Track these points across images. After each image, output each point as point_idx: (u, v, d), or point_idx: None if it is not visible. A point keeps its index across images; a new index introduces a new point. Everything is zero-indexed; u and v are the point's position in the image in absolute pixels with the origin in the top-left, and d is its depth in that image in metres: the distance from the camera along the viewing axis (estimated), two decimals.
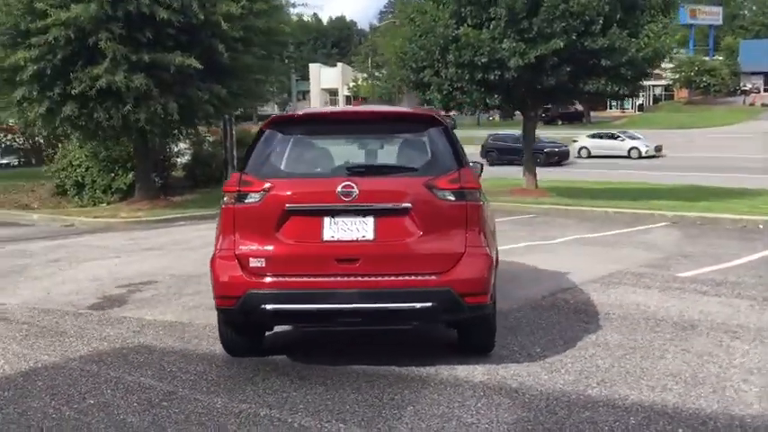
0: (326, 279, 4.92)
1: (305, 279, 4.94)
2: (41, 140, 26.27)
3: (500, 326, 6.33)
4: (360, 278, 4.91)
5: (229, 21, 15.90)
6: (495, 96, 17.52)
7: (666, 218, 14.30)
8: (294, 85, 70.03)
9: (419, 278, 4.93)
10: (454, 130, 5.63)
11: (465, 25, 16.35)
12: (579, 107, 62.44)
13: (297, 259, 4.97)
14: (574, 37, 15.99)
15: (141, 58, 15.10)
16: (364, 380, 5.15)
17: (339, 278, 4.92)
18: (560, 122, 62.63)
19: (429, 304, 4.90)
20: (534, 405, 4.68)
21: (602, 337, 6.22)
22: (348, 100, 76.60)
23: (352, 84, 75.55)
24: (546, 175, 22.96)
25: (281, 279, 4.95)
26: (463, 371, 5.32)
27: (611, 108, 72.08)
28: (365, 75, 72.71)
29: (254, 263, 4.97)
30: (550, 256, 10.28)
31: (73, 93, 15.02)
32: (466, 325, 5.47)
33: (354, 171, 5.11)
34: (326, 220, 4.97)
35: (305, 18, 57.59)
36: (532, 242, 11.68)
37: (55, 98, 15.36)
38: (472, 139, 33.69)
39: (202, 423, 4.45)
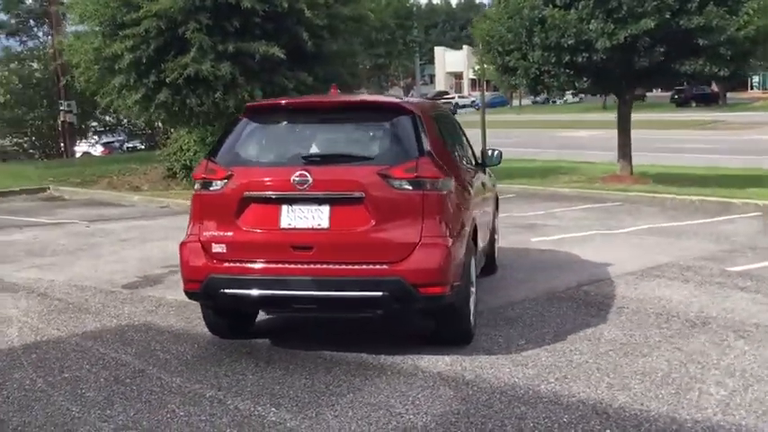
0: (283, 266, 5.04)
1: (262, 265, 5.07)
2: (160, 125, 27.61)
3: (501, 317, 6.32)
4: (314, 266, 5.00)
5: (314, 8, 16.12)
6: (585, 79, 16.95)
7: (759, 207, 13.44)
8: (418, 68, 70.16)
9: (371, 267, 4.95)
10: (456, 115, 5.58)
11: (551, 6, 15.88)
12: (715, 88, 59.17)
13: (255, 246, 5.11)
14: (667, 16, 15.22)
15: (227, 48, 15.59)
16: (325, 366, 5.24)
17: (295, 265, 5.03)
18: (694, 104, 59.62)
19: (380, 293, 4.93)
20: (475, 398, 4.63)
21: (598, 331, 6.02)
22: (474, 84, 76.00)
23: (476, 67, 74.90)
24: (653, 160, 21.99)
25: (239, 265, 5.10)
26: (428, 361, 5.30)
27: (751, 88, 67.85)
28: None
29: (216, 248, 5.15)
30: (605, 246, 9.95)
31: (167, 81, 15.71)
32: (438, 315, 5.43)
33: (310, 160, 5.19)
34: (285, 207, 5.08)
35: (434, 1, 57.52)
36: (596, 231, 11.32)
37: (150, 85, 16.12)
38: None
39: (149, 401, 4.68)
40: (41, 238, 11.55)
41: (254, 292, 5.09)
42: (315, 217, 5.04)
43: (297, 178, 5.00)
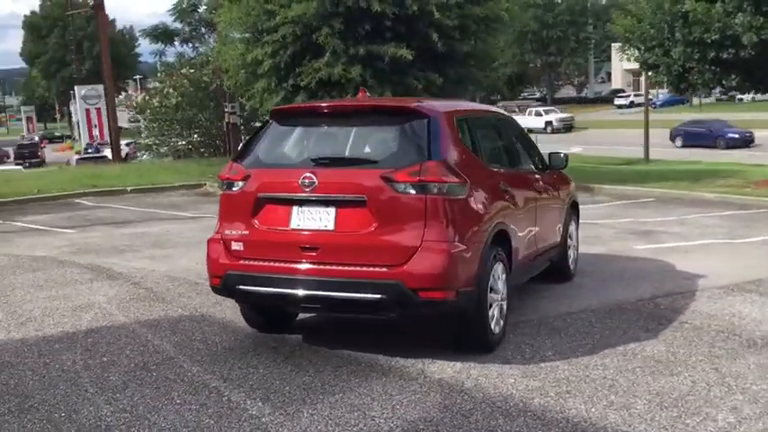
0: (290, 265, 5.23)
1: (272, 264, 5.29)
2: None
3: (547, 326, 6.24)
4: (319, 266, 5.15)
5: (444, 10, 16.22)
6: (733, 76, 15.86)
7: None
8: (592, 66, 68.06)
9: (372, 270, 5.03)
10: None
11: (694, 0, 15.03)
12: None
13: (267, 245, 5.33)
14: None
15: (358, 51, 16.05)
16: (336, 364, 5.38)
17: (302, 265, 5.19)
18: None
19: (379, 296, 5.00)
20: (457, 408, 4.59)
21: (640, 347, 5.75)
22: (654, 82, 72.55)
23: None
24: None
25: (252, 263, 5.35)
26: (438, 366, 5.31)
27: None
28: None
29: (234, 246, 5.43)
30: (715, 256, 9.39)
31: (301, 84, 16.43)
32: (453, 322, 5.42)
33: (319, 162, 5.33)
34: (295, 209, 5.26)
35: None
36: (716, 240, 10.66)
37: (288, 89, 16.92)
38: None
39: (158, 387, 5.03)
40: (172, 231, 12.44)
41: (265, 289, 5.31)
42: (321, 219, 5.18)
43: (303, 180, 5.16)
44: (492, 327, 5.58)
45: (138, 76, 72.74)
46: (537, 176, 7.03)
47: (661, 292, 7.45)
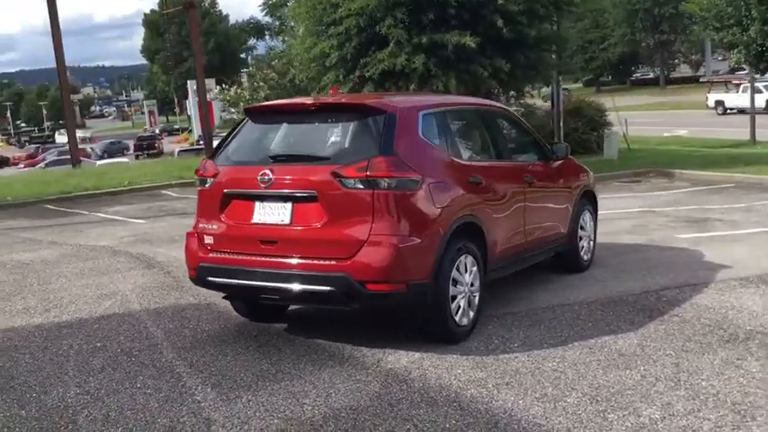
0: (252, 258, 5.50)
1: (236, 257, 5.59)
2: None
3: (529, 318, 6.30)
4: (276, 259, 5.40)
5: None
6: None
7: None
8: (708, 44, 64.91)
9: (322, 262, 5.24)
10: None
11: None
12: None
13: (232, 238, 5.63)
14: None
15: (421, 40, 16.16)
16: (300, 353, 5.63)
17: (261, 258, 5.46)
18: None
19: (329, 288, 5.21)
20: (390, 397, 4.74)
21: (613, 340, 5.72)
22: None
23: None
24: None
25: (220, 255, 5.66)
26: (396, 357, 5.46)
27: None
28: None
29: (206, 239, 5.76)
30: (756, 246, 9.03)
31: (366, 75, 16.70)
32: (411, 313, 5.58)
33: (277, 159, 5.56)
34: (257, 204, 5.53)
35: None
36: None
37: (355, 80, 17.23)
38: None
39: (129, 372, 5.43)
40: None
41: (230, 281, 5.62)
42: (279, 213, 5.42)
43: (262, 177, 5.42)
44: (457, 318, 5.65)
45: (246, 70, 74.99)
46: (533, 167, 7.00)
47: (673, 284, 7.29)
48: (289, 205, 5.38)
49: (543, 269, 7.85)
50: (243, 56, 75.21)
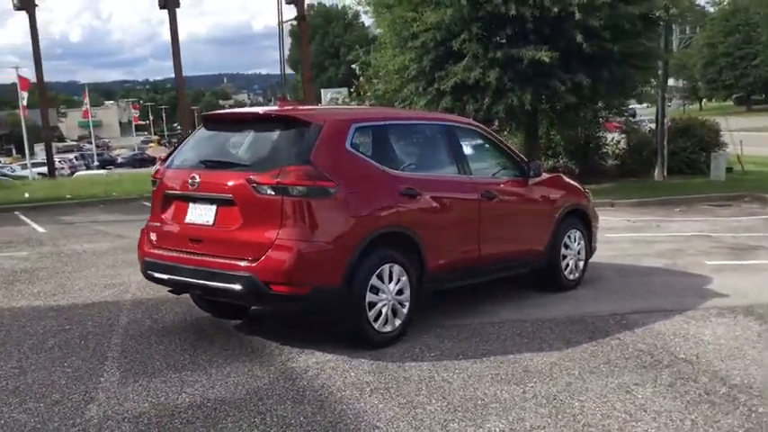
0: (182, 255, 5.92)
1: (171, 254, 6.02)
2: None
3: (472, 330, 6.43)
4: (200, 257, 5.79)
5: (591, 10, 15.87)
6: None
7: None
8: None
9: (234, 262, 5.58)
10: None
11: None
12: None
13: (167, 236, 6.07)
14: None
15: (496, 55, 16.22)
16: (222, 347, 5.97)
17: (189, 255, 5.87)
18: None
19: (238, 287, 5.54)
20: (265, 391, 5.00)
21: (530, 357, 5.71)
22: None
23: None
24: None
25: (159, 251, 6.12)
26: (307, 356, 5.71)
27: None
28: None
29: (152, 236, 6.24)
30: None
31: (441, 89, 16.93)
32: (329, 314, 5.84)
33: (206, 164, 5.95)
34: (190, 205, 5.95)
35: None
36: None
37: (433, 92, 17.50)
38: None
39: (69, 352, 5.99)
40: None
41: (163, 276, 6.05)
42: (205, 215, 5.81)
43: (191, 180, 5.83)
44: (376, 325, 5.83)
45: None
46: (497, 183, 7.03)
47: (647, 308, 7.12)
48: (213, 207, 5.75)
49: (525, 285, 7.83)
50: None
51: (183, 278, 5.86)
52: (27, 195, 19.54)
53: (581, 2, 15.73)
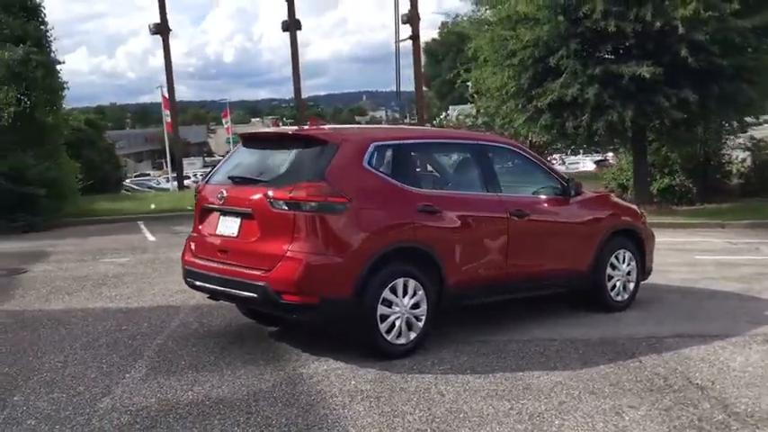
0: (212, 264, 6.37)
1: (204, 262, 6.48)
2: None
3: (492, 346, 6.49)
4: (225, 266, 6.22)
5: (695, 24, 15.43)
6: None
7: None
8: None
9: (252, 272, 5.96)
10: None
11: None
12: None
13: (202, 247, 6.54)
14: None
15: (594, 71, 16.03)
16: (246, 351, 6.33)
17: (217, 264, 6.32)
18: None
19: (254, 295, 5.93)
20: (263, 394, 5.30)
21: (538, 376, 5.73)
22: None
23: None
24: None
25: (196, 260, 6.60)
26: (319, 364, 6.00)
27: None
28: None
29: (192, 246, 6.74)
30: None
31: (538, 105, 16.88)
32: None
33: (235, 180, 6.38)
34: (221, 218, 6.40)
35: None
36: None
37: (531, 110, 17.47)
38: None
39: (113, 349, 6.54)
40: None
41: (198, 283, 6.52)
42: (231, 227, 6.23)
43: (219, 194, 6.28)
44: (389, 337, 6.04)
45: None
46: (530, 201, 7.07)
47: (686, 332, 6.96)
48: (238, 220, 6.16)
49: (574, 305, 7.85)
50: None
51: (212, 285, 6.29)
52: (153, 207, 20.88)
53: (684, 15, 15.23)
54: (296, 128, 7.00)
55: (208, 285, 6.36)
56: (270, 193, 5.88)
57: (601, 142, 19.23)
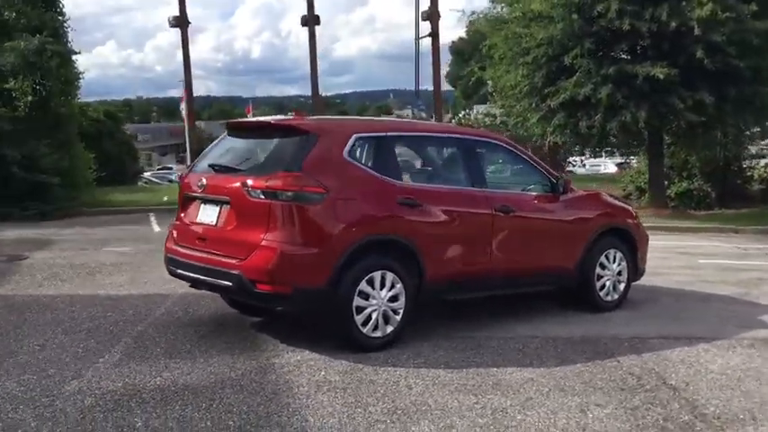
0: (192, 252, 6.38)
1: (184, 251, 6.50)
2: None
3: (472, 342, 6.42)
4: (204, 254, 6.23)
5: (712, 25, 15.24)
6: None
7: None
8: None
9: (228, 261, 5.96)
10: None
11: None
12: None
13: (183, 235, 6.55)
14: None
15: (608, 71, 15.88)
16: (225, 341, 6.34)
17: (197, 253, 6.33)
18: None
19: (229, 283, 5.93)
20: (230, 382, 5.30)
21: (510, 372, 5.65)
22: None
23: None
24: None
25: (176, 248, 6.61)
26: (294, 354, 5.98)
27: None
28: None
29: (174, 234, 6.76)
30: None
31: (551, 105, 16.76)
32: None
33: (215, 168, 6.38)
34: (201, 206, 6.41)
35: None
36: None
37: (545, 109, 17.34)
38: None
39: (92, 335, 6.58)
40: None
41: (179, 271, 6.53)
42: (211, 215, 6.23)
43: (199, 182, 6.29)
44: (365, 329, 6.01)
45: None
46: (515, 197, 7.01)
47: (673, 334, 6.87)
48: (217, 209, 6.16)
49: (563, 304, 7.79)
50: None
51: (192, 274, 6.30)
52: (165, 198, 21.02)
53: (701, 16, 15.03)
54: (278, 117, 6.95)
55: (188, 274, 6.37)
56: (247, 181, 5.87)
57: (616, 144, 19.01)
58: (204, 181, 6.23)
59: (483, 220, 6.65)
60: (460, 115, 35.14)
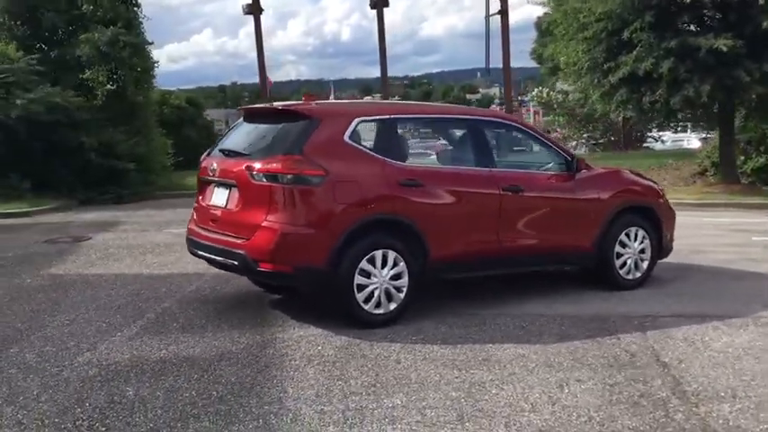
0: (206, 234, 6.73)
1: (201, 231, 6.85)
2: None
3: (478, 319, 6.55)
4: (215, 235, 6.57)
5: None
6: None
7: None
8: None
9: (234, 240, 6.26)
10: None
11: None
12: None
13: (202, 217, 6.88)
14: None
15: (669, 44, 15.49)
16: (238, 317, 6.66)
17: (209, 233, 6.67)
18: None
19: (235, 262, 6.25)
20: (228, 356, 5.58)
21: (504, 349, 5.73)
22: None
23: None
24: None
25: (195, 229, 6.98)
26: (299, 331, 6.24)
27: None
28: None
29: (195, 216, 7.13)
30: None
31: (610, 80, 16.46)
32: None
33: (225, 153, 6.68)
34: (215, 189, 6.74)
35: None
36: None
37: (606, 84, 17.05)
38: None
39: (119, 310, 7.02)
40: None
41: (198, 252, 6.88)
42: (221, 198, 6.55)
43: (211, 166, 6.62)
44: (367, 306, 6.22)
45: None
46: (525, 176, 7.05)
47: (687, 312, 6.81)
48: (226, 191, 6.47)
49: (582, 282, 7.80)
50: None
51: (207, 254, 6.64)
52: None
53: None
54: (286, 103, 7.19)
55: (204, 254, 6.71)
56: (251, 165, 6.14)
57: (685, 119, 18.46)
58: (215, 165, 6.54)
59: (490, 199, 6.72)
60: (533, 93, 34.61)
